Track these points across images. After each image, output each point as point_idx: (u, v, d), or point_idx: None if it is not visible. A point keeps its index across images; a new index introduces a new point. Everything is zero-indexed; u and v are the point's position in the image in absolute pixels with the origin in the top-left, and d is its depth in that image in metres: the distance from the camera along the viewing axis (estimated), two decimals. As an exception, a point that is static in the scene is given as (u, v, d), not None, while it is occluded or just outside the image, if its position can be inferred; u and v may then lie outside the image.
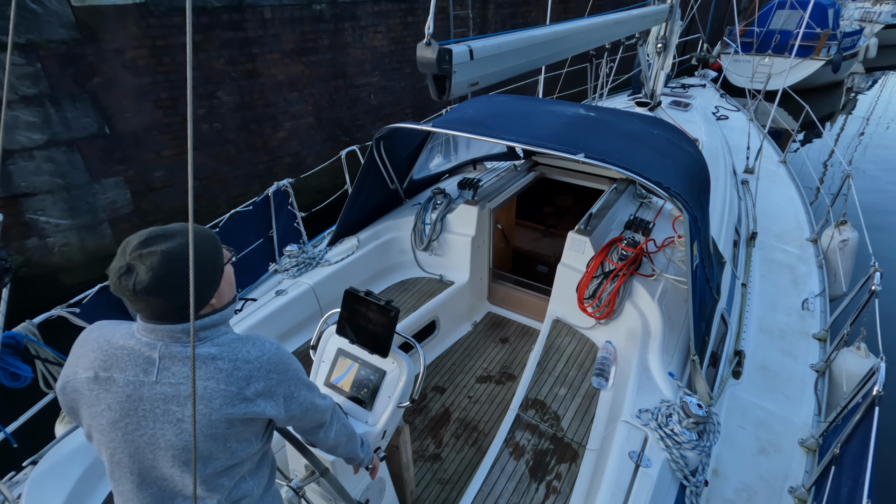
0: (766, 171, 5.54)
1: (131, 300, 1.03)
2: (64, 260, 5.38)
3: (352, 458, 1.54)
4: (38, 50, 4.64)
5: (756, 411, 2.64)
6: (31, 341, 2.33)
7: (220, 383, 1.07)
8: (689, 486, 1.85)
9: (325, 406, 1.32)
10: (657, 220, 3.30)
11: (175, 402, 1.06)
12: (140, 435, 1.07)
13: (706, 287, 2.44)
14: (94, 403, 1.09)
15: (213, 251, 1.11)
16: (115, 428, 1.08)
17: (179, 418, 1.06)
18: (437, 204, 3.51)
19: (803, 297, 3.63)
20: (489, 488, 2.08)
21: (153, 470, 1.10)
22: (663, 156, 2.64)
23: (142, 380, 1.07)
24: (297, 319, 2.92)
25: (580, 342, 2.87)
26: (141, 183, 5.73)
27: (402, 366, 1.85)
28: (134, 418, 1.07)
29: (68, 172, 5.12)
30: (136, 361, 1.08)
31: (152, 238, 1.03)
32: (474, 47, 1.88)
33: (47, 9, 4.62)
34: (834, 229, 4.17)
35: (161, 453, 1.08)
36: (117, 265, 1.02)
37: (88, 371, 1.09)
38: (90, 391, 1.08)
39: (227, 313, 1.18)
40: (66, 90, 4.91)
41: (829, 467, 2.05)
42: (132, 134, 5.50)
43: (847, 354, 2.81)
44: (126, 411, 1.07)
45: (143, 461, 1.09)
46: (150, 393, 1.07)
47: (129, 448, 1.09)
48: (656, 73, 5.20)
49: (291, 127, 7.04)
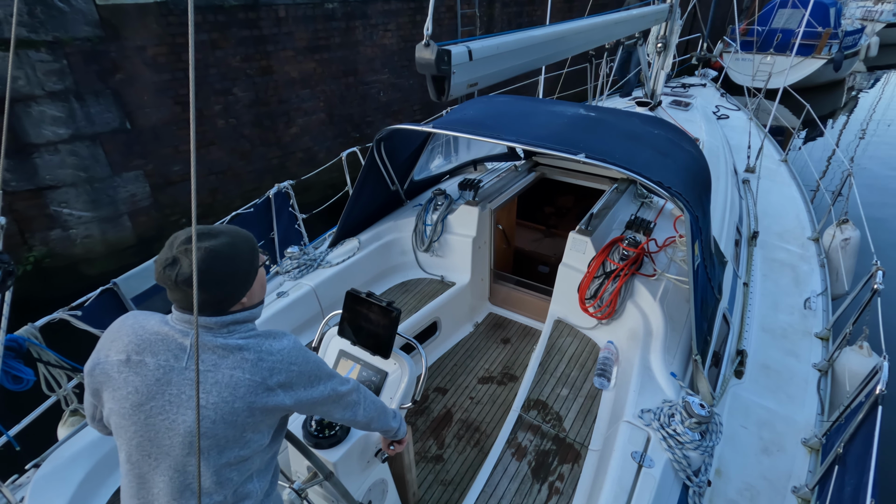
0: (767, 170, 5.53)
1: (171, 289, 1.10)
2: (85, 251, 5.51)
3: (387, 430, 1.59)
4: (64, 47, 4.78)
5: (759, 411, 2.63)
6: (33, 344, 2.34)
7: (246, 373, 1.11)
8: (691, 487, 1.85)
9: (349, 390, 1.36)
10: (658, 219, 3.30)
11: (201, 388, 1.10)
12: (163, 419, 1.10)
13: (708, 286, 2.44)
14: (121, 386, 1.12)
15: (251, 253, 1.19)
16: (140, 411, 1.11)
17: (203, 404, 1.10)
18: (437, 205, 3.51)
19: (805, 296, 3.62)
20: (491, 489, 2.08)
21: (168, 457, 1.12)
22: (664, 155, 2.64)
23: (172, 364, 1.12)
24: (298, 321, 2.92)
25: (582, 342, 2.86)
26: (160, 177, 5.86)
27: (404, 367, 1.85)
28: (160, 402, 1.11)
29: (91, 166, 5.26)
30: (168, 346, 1.13)
31: (200, 235, 1.09)
32: (473, 48, 1.88)
33: (73, 7, 4.77)
34: (835, 228, 4.16)
35: (178, 439, 1.11)
36: (164, 256, 1.08)
37: (121, 354, 1.13)
38: (119, 374, 1.12)
39: (256, 312, 1.24)
40: (90, 86, 5.06)
41: (833, 467, 2.04)
42: (151, 129, 5.64)
43: (850, 353, 2.80)
44: (153, 394, 1.11)
45: (161, 446, 1.12)
46: (178, 378, 1.11)
47: (150, 432, 1.11)
48: (656, 73, 5.19)
49: (304, 123, 7.20)
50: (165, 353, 1.12)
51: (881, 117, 12.98)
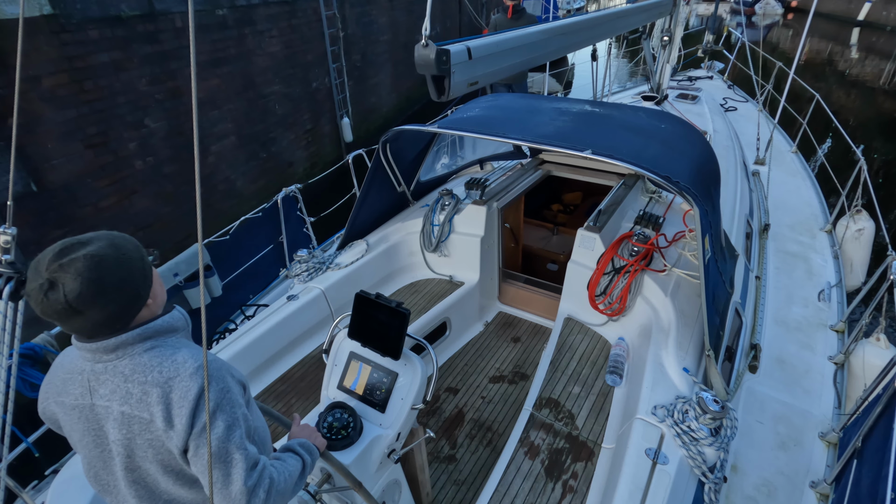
0: (777, 161, 5.46)
1: (65, 318, 0.94)
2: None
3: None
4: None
5: (774, 405, 2.60)
6: (49, 352, 2.38)
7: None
8: (707, 483, 1.83)
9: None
10: (667, 214, 3.27)
11: (109, 421, 1.05)
12: (100, 452, 1.09)
13: (719, 281, 2.41)
14: (63, 425, 1.12)
15: (136, 248, 1.05)
16: (81, 446, 1.11)
17: (113, 439, 1.05)
18: (444, 205, 3.52)
19: (819, 288, 3.57)
20: (505, 488, 2.07)
21: (119, 492, 1.12)
22: (671, 149, 2.61)
23: (82, 403, 1.06)
24: (309, 324, 2.93)
25: (592, 340, 2.85)
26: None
27: (415, 368, 1.85)
28: (89, 437, 1.09)
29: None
30: (79, 382, 1.06)
31: (68, 247, 0.95)
32: (472, 46, 1.88)
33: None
34: (849, 218, 4.10)
35: (120, 474, 1.09)
36: (35, 284, 0.92)
37: (49, 397, 1.11)
38: (54, 415, 1.13)
39: (172, 321, 1.10)
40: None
41: (851, 461, 2.01)
42: (64, 187, 4.51)
43: (866, 346, 2.76)
44: (82, 432, 1.09)
45: (106, 482, 1.12)
46: (91, 414, 1.06)
47: (94, 469, 1.12)
48: (662, 67, 5.15)
49: (218, 150, 6.52)
50: (78, 388, 1.06)
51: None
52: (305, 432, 1.41)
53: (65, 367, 1.10)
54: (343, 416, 1.75)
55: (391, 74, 11.41)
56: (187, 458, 1.03)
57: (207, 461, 0.95)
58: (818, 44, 22.36)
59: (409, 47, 11.67)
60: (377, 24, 10.35)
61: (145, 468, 1.07)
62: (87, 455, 1.11)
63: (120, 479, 1.09)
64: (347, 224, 3.37)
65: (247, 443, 1.04)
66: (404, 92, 12.31)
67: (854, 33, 23.98)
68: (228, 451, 1.00)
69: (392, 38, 11.12)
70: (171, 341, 1.07)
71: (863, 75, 16.69)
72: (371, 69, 10.40)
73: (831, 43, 22.43)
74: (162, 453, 1.04)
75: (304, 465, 1.25)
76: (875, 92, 14.85)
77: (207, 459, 0.96)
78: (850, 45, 21.72)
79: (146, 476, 1.08)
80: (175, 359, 1.02)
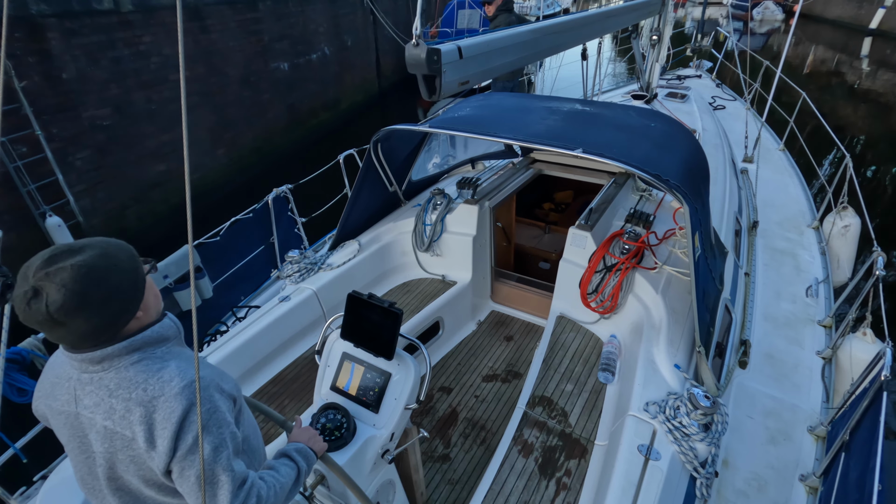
0: (765, 159, 5.52)
1: (47, 328, 0.92)
2: None
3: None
4: None
5: (764, 400, 2.63)
6: (36, 356, 2.34)
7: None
8: (699, 478, 1.85)
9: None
10: (658, 212, 3.29)
11: (93, 432, 1.05)
12: (85, 458, 1.09)
13: (709, 277, 2.43)
14: (52, 427, 1.13)
15: (131, 259, 1.02)
16: (68, 450, 1.11)
17: (97, 450, 1.05)
18: (436, 204, 3.51)
19: (807, 284, 3.62)
20: (499, 487, 2.08)
21: (104, 497, 1.12)
22: (661, 148, 2.63)
23: (68, 410, 1.06)
24: (301, 325, 2.92)
25: (585, 337, 2.86)
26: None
27: (408, 367, 1.84)
28: (74, 443, 1.09)
29: None
30: (66, 389, 1.06)
31: (57, 255, 0.92)
32: (463, 46, 1.88)
33: None
34: (835, 215, 4.16)
35: (104, 483, 1.09)
36: (21, 290, 0.90)
37: (40, 398, 1.12)
38: (45, 415, 1.13)
39: (162, 331, 1.07)
40: None
41: (839, 454, 2.04)
42: None
43: (853, 340, 2.80)
44: (68, 437, 1.09)
45: (92, 486, 1.12)
46: (76, 422, 1.06)
47: (80, 472, 1.12)
48: (651, 66, 5.19)
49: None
50: (66, 395, 1.05)
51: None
52: (305, 436, 1.40)
53: (54, 371, 1.10)
54: (336, 416, 1.74)
55: (211, 124, 8.06)
56: (171, 479, 1.02)
57: (200, 480, 0.96)
58: (824, 52, 20.42)
59: (250, 81, 8.62)
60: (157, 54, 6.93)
61: (127, 479, 1.07)
62: (74, 459, 1.12)
63: (104, 486, 1.10)
64: (339, 224, 3.35)
65: (234, 463, 1.03)
66: (238, 145, 8.58)
67: (865, 43, 21.42)
68: (215, 472, 0.99)
69: (207, 71, 7.83)
70: (160, 352, 1.04)
71: (875, 88, 15.16)
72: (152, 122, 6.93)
73: (839, 53, 20.18)
74: (144, 470, 1.03)
75: (300, 472, 1.24)
76: (890, 109, 13.22)
77: (200, 477, 0.96)
78: (861, 57, 19.52)
79: (129, 485, 1.08)
80: (161, 376, 1.00)
